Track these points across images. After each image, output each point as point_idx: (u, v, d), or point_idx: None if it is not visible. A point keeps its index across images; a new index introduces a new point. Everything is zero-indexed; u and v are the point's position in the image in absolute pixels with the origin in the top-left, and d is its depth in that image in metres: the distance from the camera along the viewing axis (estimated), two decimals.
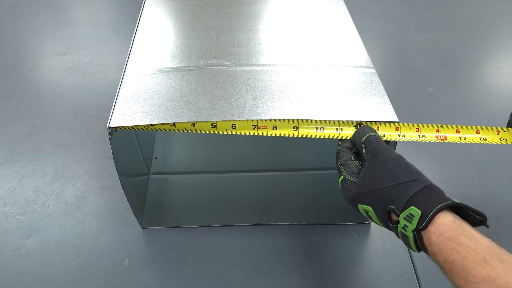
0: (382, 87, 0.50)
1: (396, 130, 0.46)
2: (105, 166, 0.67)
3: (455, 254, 0.30)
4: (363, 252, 0.56)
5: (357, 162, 0.43)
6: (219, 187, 0.65)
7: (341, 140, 0.45)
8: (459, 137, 0.46)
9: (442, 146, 0.72)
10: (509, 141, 0.47)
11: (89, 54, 0.93)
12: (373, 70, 0.53)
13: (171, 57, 0.55)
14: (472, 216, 0.34)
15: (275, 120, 0.45)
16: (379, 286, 0.52)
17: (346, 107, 0.47)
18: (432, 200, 0.34)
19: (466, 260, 0.30)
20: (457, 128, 0.47)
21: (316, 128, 0.46)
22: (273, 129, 0.45)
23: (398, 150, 0.47)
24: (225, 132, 0.45)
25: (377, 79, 0.52)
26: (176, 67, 0.53)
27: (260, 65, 0.53)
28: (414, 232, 0.34)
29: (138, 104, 0.47)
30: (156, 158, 0.69)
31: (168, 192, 0.64)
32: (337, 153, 0.44)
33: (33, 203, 0.61)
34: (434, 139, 0.46)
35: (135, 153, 0.61)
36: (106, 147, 0.70)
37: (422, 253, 0.35)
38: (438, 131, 0.46)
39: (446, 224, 0.32)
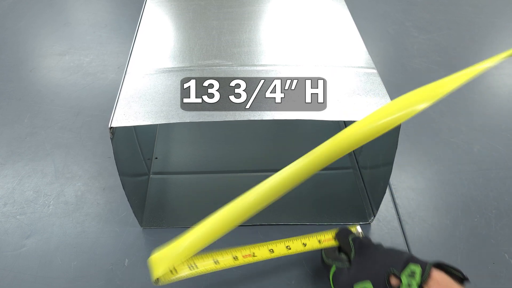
0: (384, 87, 0.50)
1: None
2: (105, 166, 0.67)
3: None
4: None
5: (343, 255, 0.48)
6: (219, 187, 0.64)
7: (323, 249, 0.49)
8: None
9: (443, 146, 0.72)
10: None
11: (89, 54, 0.93)
12: (375, 71, 0.53)
13: (172, 57, 0.55)
14: (453, 273, 0.41)
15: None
16: None
17: (347, 108, 0.47)
18: (422, 260, 0.41)
19: None
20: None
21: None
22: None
23: (399, 150, 0.47)
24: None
25: (378, 79, 0.52)
26: (177, 67, 0.53)
27: (261, 65, 0.53)
28: (419, 286, 0.39)
29: (140, 104, 0.46)
30: (156, 158, 0.69)
31: (168, 192, 0.64)
32: (322, 256, 0.49)
33: (33, 203, 0.61)
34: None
35: (135, 153, 0.61)
36: (106, 147, 0.70)
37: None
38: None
39: (440, 275, 0.39)
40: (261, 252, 0.48)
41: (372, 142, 0.62)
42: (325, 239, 0.49)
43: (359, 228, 0.51)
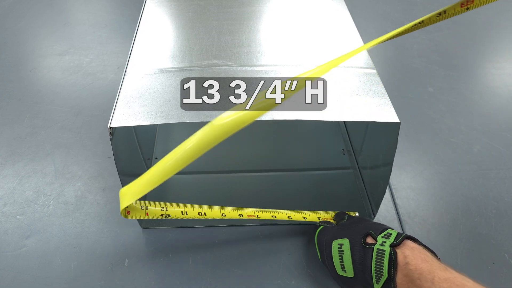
0: (383, 87, 0.50)
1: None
2: (105, 166, 0.67)
3: (424, 262, 0.39)
4: None
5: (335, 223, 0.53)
6: (220, 187, 0.65)
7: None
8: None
9: (442, 146, 0.72)
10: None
11: (89, 54, 0.93)
12: (374, 71, 0.53)
13: (172, 57, 0.55)
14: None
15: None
16: None
17: (347, 108, 0.47)
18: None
19: (432, 266, 0.38)
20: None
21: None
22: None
23: (399, 150, 0.47)
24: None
25: (378, 79, 0.52)
26: (177, 67, 0.53)
27: (261, 65, 0.53)
28: (391, 247, 0.41)
29: (139, 104, 0.46)
30: (156, 158, 0.69)
31: (168, 192, 0.64)
32: (317, 224, 0.54)
33: (33, 203, 0.61)
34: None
35: (135, 153, 0.61)
36: (106, 147, 0.70)
37: None
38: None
39: (414, 245, 0.42)
40: (264, 215, 0.53)
41: (372, 143, 0.62)
42: (325, 217, 0.55)
43: (357, 215, 0.55)
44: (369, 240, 0.44)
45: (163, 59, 0.54)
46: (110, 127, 0.44)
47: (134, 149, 0.60)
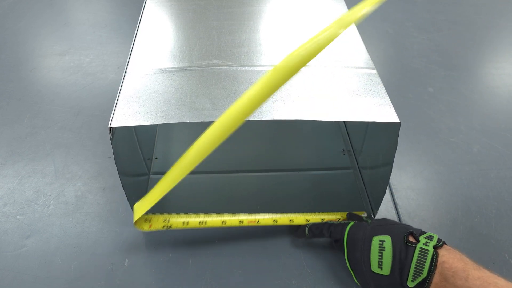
0: (383, 87, 0.50)
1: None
2: (105, 166, 0.67)
3: (459, 262, 0.41)
4: None
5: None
6: (220, 188, 0.65)
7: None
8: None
9: (442, 146, 0.72)
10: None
11: (89, 54, 0.93)
12: (374, 71, 0.53)
13: (172, 57, 0.55)
14: None
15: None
16: None
17: (347, 108, 0.47)
18: None
19: (466, 265, 0.41)
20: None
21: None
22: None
23: (399, 150, 0.47)
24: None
25: (378, 79, 0.52)
26: (177, 67, 0.53)
27: (261, 65, 0.53)
28: (434, 248, 0.43)
29: (140, 104, 0.47)
30: (156, 158, 0.69)
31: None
32: (331, 224, 0.53)
33: (33, 203, 0.61)
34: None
35: (135, 153, 0.61)
36: (106, 147, 0.70)
37: None
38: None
39: (450, 247, 0.44)
40: (265, 221, 0.53)
41: (372, 143, 0.62)
42: (329, 219, 0.55)
43: (365, 214, 0.57)
44: (411, 239, 0.45)
45: (163, 59, 0.54)
46: (110, 127, 0.44)
47: (134, 149, 0.60)
